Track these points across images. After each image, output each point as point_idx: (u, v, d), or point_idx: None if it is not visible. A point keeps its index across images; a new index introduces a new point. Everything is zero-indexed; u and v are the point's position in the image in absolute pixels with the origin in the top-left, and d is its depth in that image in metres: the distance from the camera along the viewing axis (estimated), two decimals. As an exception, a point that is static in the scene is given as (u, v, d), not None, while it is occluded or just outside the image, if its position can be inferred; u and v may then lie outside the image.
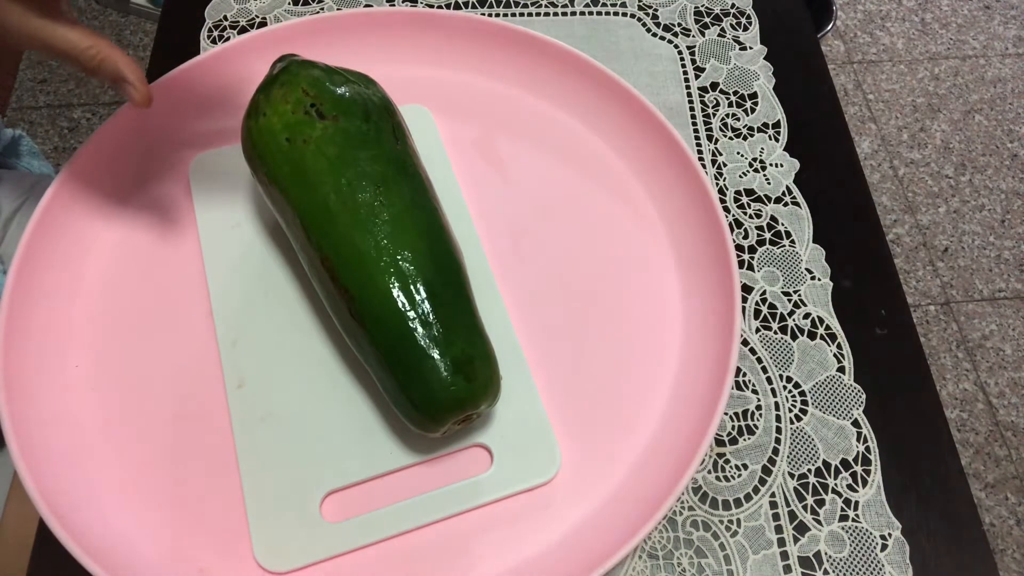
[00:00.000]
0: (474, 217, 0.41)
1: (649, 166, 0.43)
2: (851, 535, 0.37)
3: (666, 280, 0.40)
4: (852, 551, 0.36)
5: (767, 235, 0.45)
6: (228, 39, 0.51)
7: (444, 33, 0.46)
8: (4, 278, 0.37)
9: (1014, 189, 1.34)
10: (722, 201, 0.46)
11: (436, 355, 0.31)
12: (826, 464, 0.39)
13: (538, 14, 0.54)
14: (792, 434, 0.39)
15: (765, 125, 0.50)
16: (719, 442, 0.39)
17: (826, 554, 0.36)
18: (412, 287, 0.31)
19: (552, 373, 0.37)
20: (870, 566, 0.36)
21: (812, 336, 0.42)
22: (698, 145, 0.48)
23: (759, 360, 0.41)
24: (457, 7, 0.54)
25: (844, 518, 0.37)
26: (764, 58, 0.53)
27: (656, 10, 0.54)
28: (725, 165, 0.48)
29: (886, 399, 0.41)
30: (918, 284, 1.24)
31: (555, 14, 0.54)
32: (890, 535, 0.37)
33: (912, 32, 1.53)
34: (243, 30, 0.52)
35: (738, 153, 0.48)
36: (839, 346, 0.42)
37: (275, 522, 0.32)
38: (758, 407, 0.40)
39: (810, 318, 0.43)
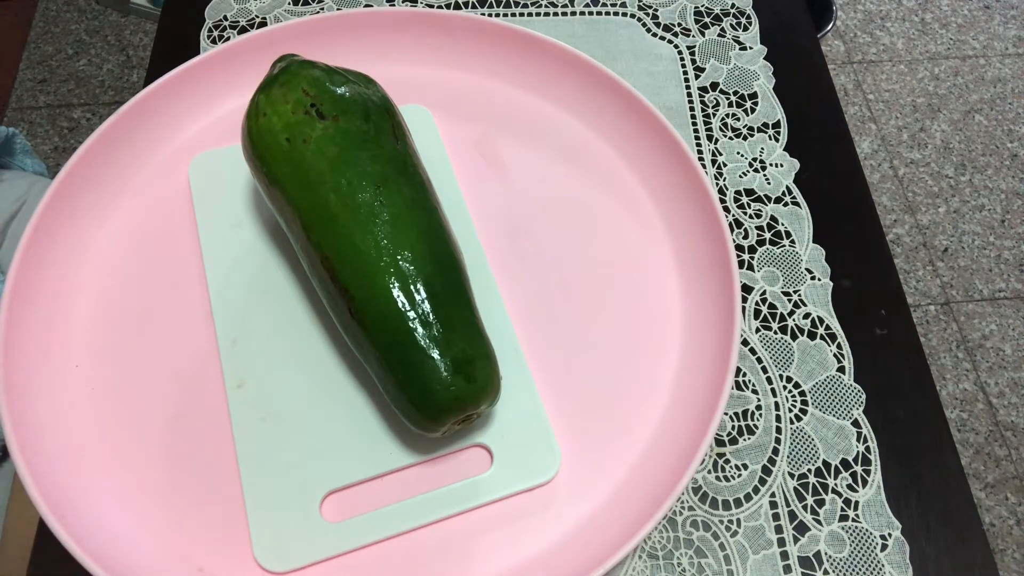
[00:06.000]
0: (474, 217, 0.41)
1: (649, 166, 0.43)
2: (851, 535, 0.37)
3: (666, 280, 0.40)
4: (852, 551, 0.36)
5: (767, 235, 0.45)
6: (228, 39, 0.51)
7: (444, 33, 0.46)
8: (3, 281, 0.37)
9: (1014, 189, 1.34)
10: (722, 201, 0.46)
11: (436, 355, 0.31)
12: (826, 464, 0.39)
13: (538, 14, 0.54)
14: (792, 434, 0.39)
15: (765, 125, 0.50)
16: (719, 442, 0.39)
17: (826, 554, 0.36)
18: (412, 287, 0.31)
19: (552, 373, 0.37)
20: (870, 566, 0.36)
21: (812, 336, 0.42)
22: (698, 145, 0.48)
23: (759, 360, 0.41)
24: (457, 7, 0.54)
25: (844, 518, 0.37)
26: (764, 58, 0.53)
27: (656, 10, 0.54)
28: (725, 165, 0.48)
29: (886, 399, 0.41)
30: (918, 284, 1.24)
31: (555, 14, 0.54)
32: (890, 535, 0.37)
33: (912, 32, 1.53)
34: (243, 30, 0.52)
35: (738, 153, 0.48)
36: (839, 346, 0.42)
37: (275, 522, 0.32)
38: (758, 407, 0.40)
39: (810, 318, 0.43)
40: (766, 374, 0.41)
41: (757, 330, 0.42)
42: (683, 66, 0.52)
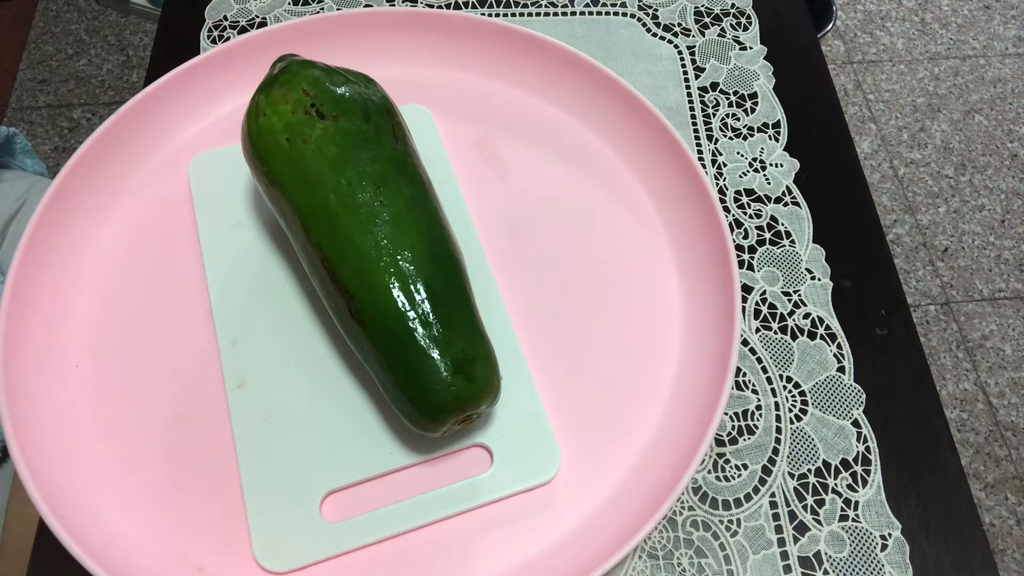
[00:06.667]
0: (474, 217, 0.41)
1: (649, 166, 0.43)
2: (851, 535, 0.37)
3: (666, 280, 0.40)
4: (852, 551, 0.36)
5: (767, 235, 0.45)
6: (228, 39, 0.51)
7: (444, 33, 0.46)
8: (3, 281, 0.37)
9: (1014, 189, 1.34)
10: (722, 201, 0.46)
11: (436, 355, 0.31)
12: (826, 464, 0.39)
13: (538, 14, 0.54)
14: (792, 434, 0.39)
15: (765, 125, 0.50)
16: (719, 442, 0.39)
17: (826, 554, 0.36)
18: (412, 287, 0.31)
19: (552, 373, 0.37)
20: (870, 566, 0.36)
21: (812, 336, 0.42)
22: (698, 145, 0.48)
23: (759, 360, 0.41)
24: (457, 7, 0.54)
25: (844, 518, 0.37)
26: (764, 58, 0.53)
27: (656, 10, 0.54)
28: (725, 165, 0.48)
29: (886, 399, 0.41)
30: (918, 284, 1.24)
31: (555, 14, 0.54)
32: (890, 535, 0.37)
33: (912, 32, 1.53)
34: (243, 30, 0.52)
35: (738, 153, 0.48)
36: (839, 346, 0.42)
37: (275, 522, 0.32)
38: (758, 407, 0.40)
39: (810, 318, 0.43)
40: (766, 374, 0.41)
41: (757, 330, 0.42)
42: (683, 66, 0.52)
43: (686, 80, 0.51)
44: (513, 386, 0.36)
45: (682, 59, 0.52)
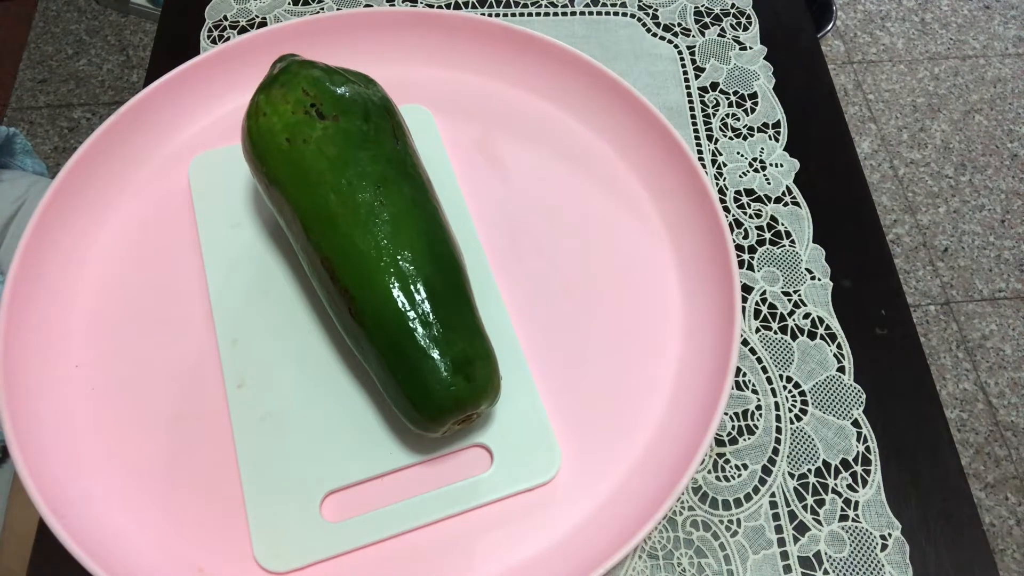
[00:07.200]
0: (474, 217, 0.41)
1: (649, 166, 0.43)
2: (851, 535, 0.37)
3: (666, 280, 0.40)
4: (852, 551, 0.36)
5: (767, 235, 0.45)
6: (228, 39, 0.51)
7: (444, 33, 0.46)
8: (3, 281, 0.37)
9: (1014, 189, 1.34)
10: (722, 201, 0.46)
11: (436, 355, 0.31)
12: (826, 464, 0.39)
13: (538, 14, 0.54)
14: (792, 434, 0.39)
15: (765, 125, 0.50)
16: (719, 442, 0.39)
17: (826, 554, 0.36)
18: (412, 287, 0.31)
19: (552, 373, 0.37)
20: (870, 566, 0.36)
21: (812, 336, 0.42)
22: (698, 145, 0.48)
23: (759, 360, 0.41)
24: (457, 7, 0.54)
25: (844, 518, 0.37)
26: (764, 58, 0.53)
27: (656, 10, 0.54)
28: (725, 165, 0.48)
29: (886, 399, 0.41)
30: (918, 284, 1.24)
31: (555, 14, 0.54)
32: (890, 535, 0.37)
33: (912, 32, 1.53)
34: (243, 30, 0.52)
35: (738, 153, 0.48)
36: (839, 346, 0.42)
37: (275, 522, 0.32)
38: (758, 407, 0.40)
39: (810, 318, 0.43)
40: (766, 374, 0.41)
41: (757, 330, 0.42)
42: (683, 66, 0.52)
43: (686, 80, 0.51)
44: (513, 386, 0.36)
45: (682, 59, 0.52)
